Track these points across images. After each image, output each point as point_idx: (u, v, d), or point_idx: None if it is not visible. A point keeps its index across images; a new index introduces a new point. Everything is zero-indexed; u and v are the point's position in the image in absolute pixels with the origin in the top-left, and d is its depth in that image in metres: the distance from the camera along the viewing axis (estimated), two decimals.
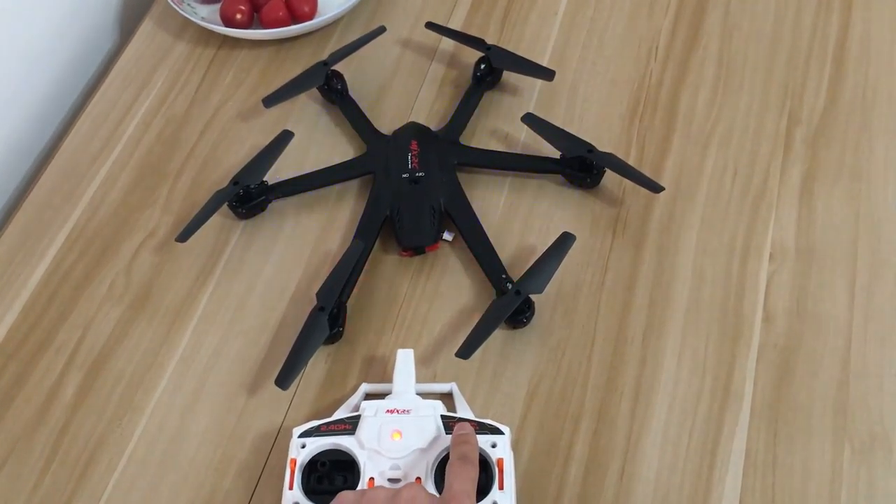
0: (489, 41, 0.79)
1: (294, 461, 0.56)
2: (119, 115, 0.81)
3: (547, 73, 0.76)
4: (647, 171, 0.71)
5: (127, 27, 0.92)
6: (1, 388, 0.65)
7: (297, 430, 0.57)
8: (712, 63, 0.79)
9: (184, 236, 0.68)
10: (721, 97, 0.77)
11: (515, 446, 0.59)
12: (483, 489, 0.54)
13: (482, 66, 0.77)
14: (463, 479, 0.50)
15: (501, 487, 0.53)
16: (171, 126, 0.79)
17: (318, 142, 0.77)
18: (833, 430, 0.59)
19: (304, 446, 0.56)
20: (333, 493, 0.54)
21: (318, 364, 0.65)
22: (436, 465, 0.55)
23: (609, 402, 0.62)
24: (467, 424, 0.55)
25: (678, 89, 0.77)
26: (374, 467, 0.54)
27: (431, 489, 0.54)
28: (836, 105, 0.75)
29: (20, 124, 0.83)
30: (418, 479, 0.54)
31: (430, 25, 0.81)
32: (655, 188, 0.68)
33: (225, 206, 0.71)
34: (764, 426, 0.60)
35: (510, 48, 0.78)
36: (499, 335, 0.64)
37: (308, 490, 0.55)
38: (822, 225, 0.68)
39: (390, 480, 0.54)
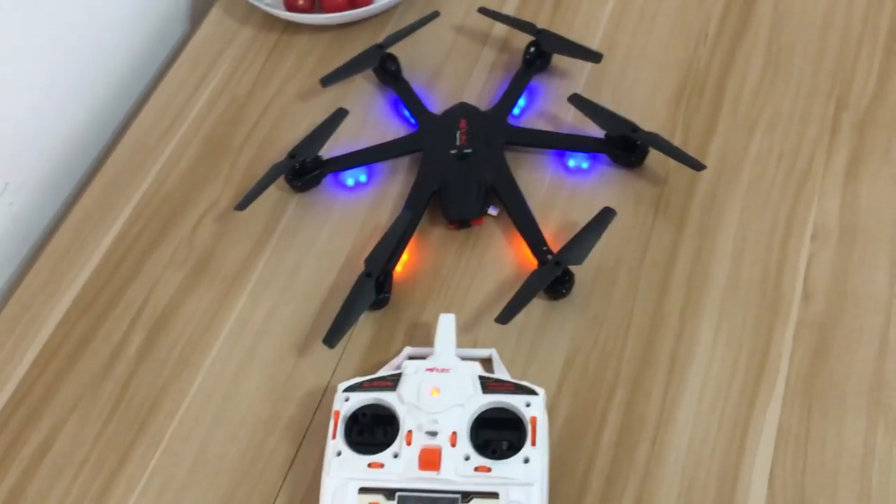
0: (541, 26, 0.81)
1: (338, 413, 0.59)
2: (186, 95, 0.85)
3: (594, 56, 0.77)
4: (691, 153, 0.72)
5: (196, 15, 0.97)
6: (73, 341, 0.70)
7: (342, 385, 0.60)
8: (761, 48, 0.79)
9: (243, 204, 0.72)
10: (769, 82, 0.77)
11: (550, 412, 0.61)
12: (516, 447, 0.56)
13: (531, 50, 0.79)
14: None
15: (534, 444, 0.56)
16: (235, 105, 0.84)
17: (372, 121, 0.80)
18: (868, 406, 0.60)
19: (347, 400, 0.59)
20: (374, 445, 0.57)
21: (364, 329, 0.68)
22: (472, 420, 0.57)
23: (644, 374, 0.63)
24: None
25: (726, 74, 0.78)
26: (412, 421, 0.57)
27: (466, 443, 0.56)
28: (885, 91, 0.75)
29: (97, 104, 0.88)
30: (454, 433, 0.56)
31: (483, 10, 0.84)
32: (697, 166, 0.69)
33: (282, 181, 0.75)
34: (798, 400, 0.61)
35: (562, 33, 0.80)
36: (539, 306, 0.66)
37: (350, 441, 0.58)
38: (866, 208, 0.69)
39: (428, 433, 0.57)
